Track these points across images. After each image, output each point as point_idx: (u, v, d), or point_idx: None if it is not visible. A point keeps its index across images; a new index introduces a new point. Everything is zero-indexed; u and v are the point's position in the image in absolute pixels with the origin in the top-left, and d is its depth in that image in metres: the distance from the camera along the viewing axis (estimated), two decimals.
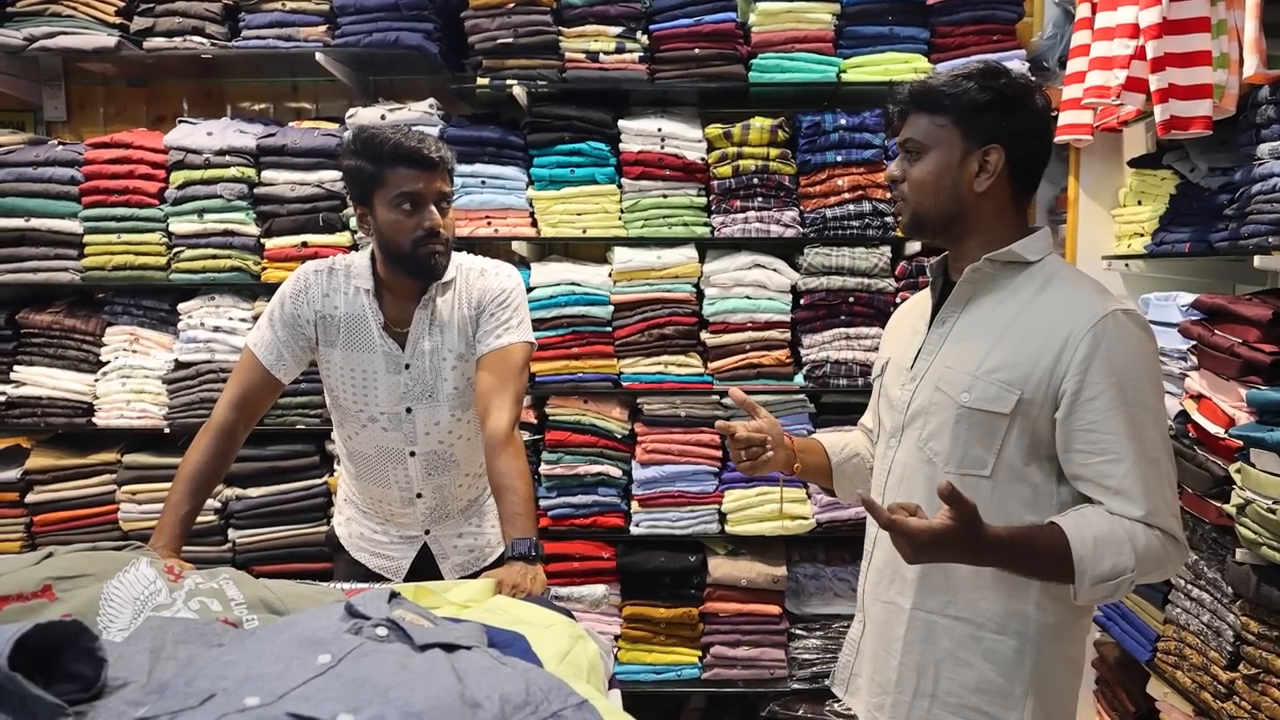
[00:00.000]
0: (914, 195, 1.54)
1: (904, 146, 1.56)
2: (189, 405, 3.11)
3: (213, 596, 1.16)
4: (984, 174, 1.50)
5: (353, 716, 0.78)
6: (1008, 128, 1.49)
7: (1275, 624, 2.05)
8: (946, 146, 1.51)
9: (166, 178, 3.10)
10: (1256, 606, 2.11)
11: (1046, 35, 3.10)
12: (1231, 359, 2.17)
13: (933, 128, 1.51)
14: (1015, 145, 1.50)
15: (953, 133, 1.50)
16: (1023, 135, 1.51)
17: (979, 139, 1.49)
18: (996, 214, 1.53)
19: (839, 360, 2.99)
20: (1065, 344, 1.42)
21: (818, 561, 3.12)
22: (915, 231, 1.60)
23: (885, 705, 1.59)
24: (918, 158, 1.53)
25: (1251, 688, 2.11)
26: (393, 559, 2.14)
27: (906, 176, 1.55)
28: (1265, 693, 2.06)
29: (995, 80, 1.50)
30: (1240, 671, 2.16)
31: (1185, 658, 2.37)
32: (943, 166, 1.51)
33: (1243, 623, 2.15)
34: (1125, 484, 1.39)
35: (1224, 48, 2.20)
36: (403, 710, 0.79)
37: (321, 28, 3.00)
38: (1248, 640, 2.13)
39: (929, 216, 1.54)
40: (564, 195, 3.02)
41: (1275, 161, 2.13)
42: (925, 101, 1.52)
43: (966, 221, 1.53)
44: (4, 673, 0.77)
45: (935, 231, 1.58)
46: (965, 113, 1.49)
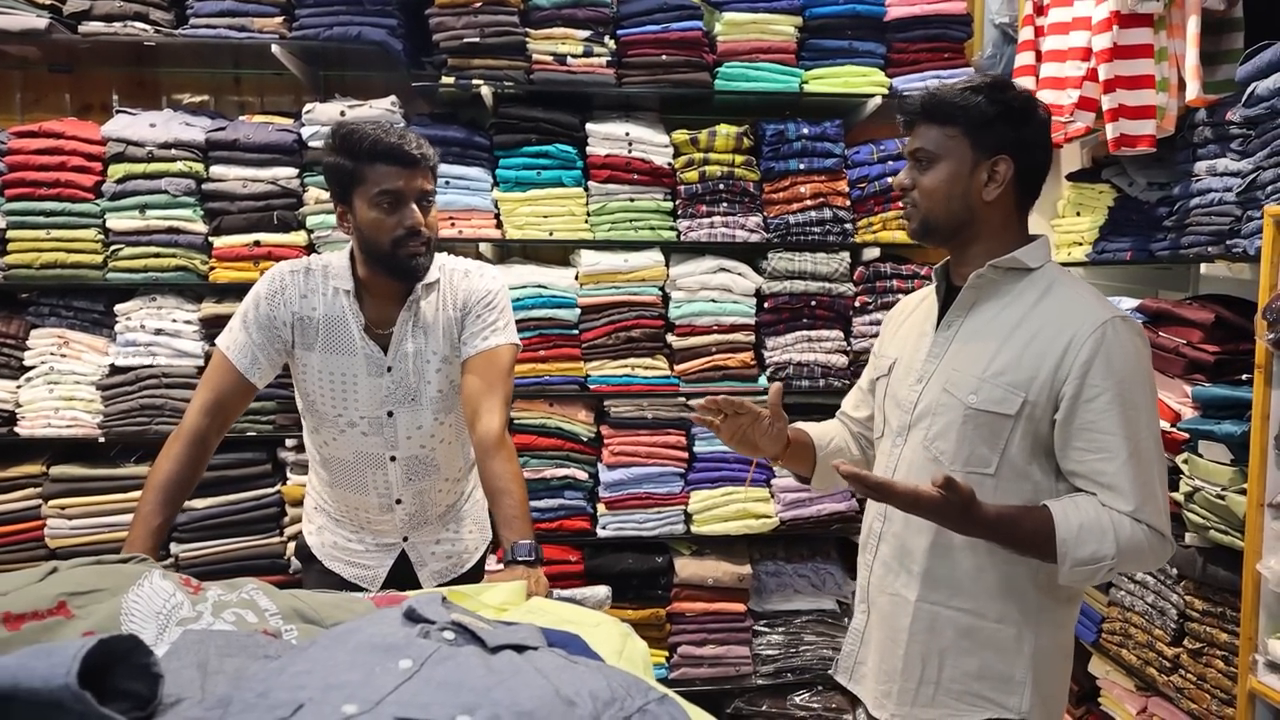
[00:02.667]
0: (925, 202, 1.65)
1: (914, 156, 1.67)
2: (127, 413, 3.06)
3: (246, 608, 1.14)
4: (993, 183, 1.61)
5: (470, 717, 0.78)
6: (1015, 139, 1.61)
7: (1219, 601, 2.33)
8: (957, 156, 1.62)
9: (103, 171, 3.05)
10: (1201, 586, 2.39)
11: (986, 55, 3.40)
12: (1177, 359, 2.47)
13: (944, 138, 1.62)
14: (1022, 156, 1.61)
15: (962, 143, 1.61)
16: (1029, 146, 1.63)
17: (988, 150, 1.60)
18: (1003, 221, 1.66)
19: (801, 362, 3.19)
20: (1068, 348, 1.54)
21: (778, 559, 3.32)
22: (924, 237, 1.70)
23: (892, 692, 1.70)
24: (928, 167, 1.64)
25: (1196, 660, 2.39)
26: (369, 568, 2.15)
27: (917, 184, 1.66)
28: (1209, 664, 2.35)
29: (1003, 94, 1.62)
30: (1185, 646, 2.44)
31: (1130, 636, 2.65)
32: (954, 175, 1.62)
33: (1187, 601, 2.44)
34: (1117, 480, 1.51)
35: (1165, 73, 2.51)
36: (514, 710, 0.80)
37: (277, 19, 3.01)
38: (1192, 617, 2.42)
39: (939, 223, 1.66)
40: (530, 197, 3.12)
41: (1212, 178, 2.43)
42: (936, 113, 1.63)
43: (974, 228, 1.65)
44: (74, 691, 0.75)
45: (944, 237, 1.68)
46: (975, 124, 1.60)
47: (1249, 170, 2.27)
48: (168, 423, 3.05)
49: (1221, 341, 2.39)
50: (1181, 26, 2.45)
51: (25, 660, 0.77)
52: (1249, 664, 2.06)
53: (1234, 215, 2.34)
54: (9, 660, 0.77)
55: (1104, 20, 2.50)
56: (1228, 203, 2.36)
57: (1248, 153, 2.30)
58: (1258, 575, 2.04)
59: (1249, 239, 2.26)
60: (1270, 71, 2.20)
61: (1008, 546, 1.57)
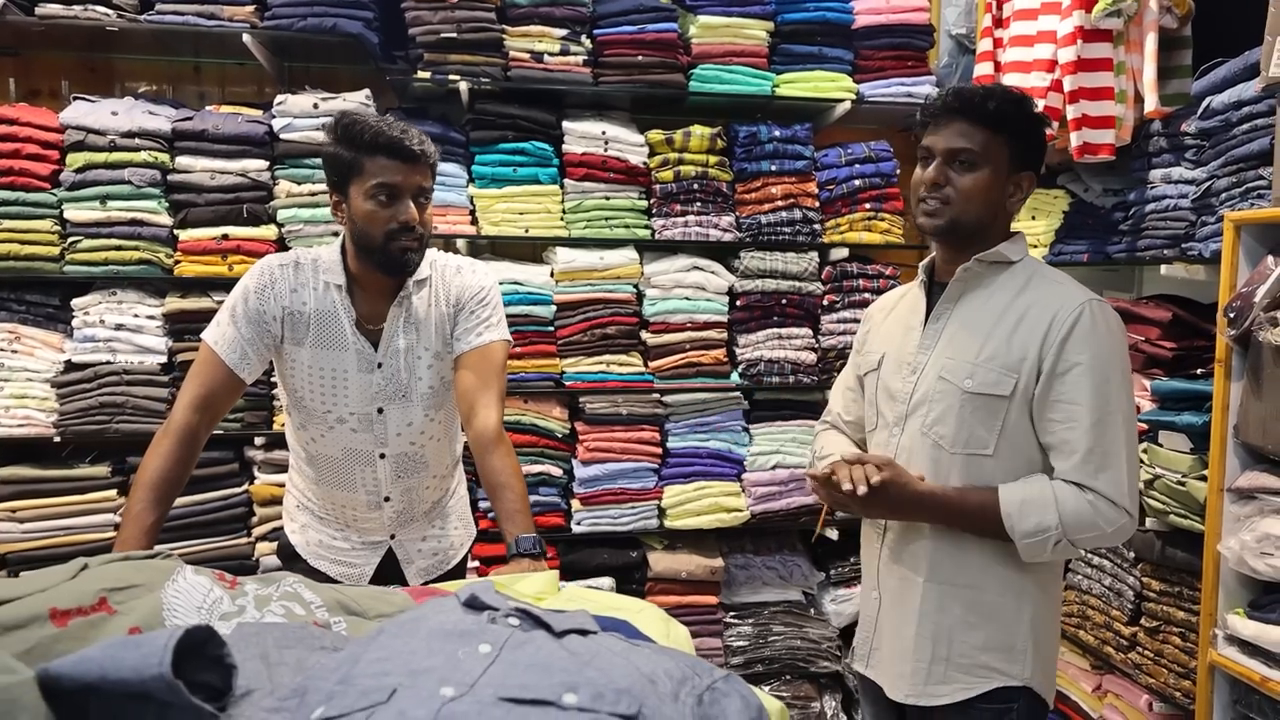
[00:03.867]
0: (961, 203, 1.70)
1: (954, 155, 1.70)
2: (85, 411, 2.98)
3: (291, 600, 1.15)
4: (1017, 196, 1.74)
5: (575, 696, 0.80)
6: (1037, 157, 1.75)
7: (1175, 581, 2.50)
8: (998, 164, 1.69)
9: (60, 160, 2.97)
10: (1159, 567, 2.56)
11: (943, 64, 3.57)
12: (1136, 354, 2.64)
13: (991, 142, 1.68)
14: (1038, 173, 1.76)
15: (1004, 152, 1.69)
16: (1040, 164, 1.77)
17: (1021, 162, 1.72)
18: (1005, 227, 1.79)
19: (772, 359, 3.30)
20: (1050, 328, 1.66)
21: (746, 552, 3.42)
22: (945, 234, 1.75)
23: (905, 673, 1.80)
24: (968, 169, 1.69)
25: (1153, 638, 2.56)
26: (355, 566, 2.15)
27: (953, 183, 1.70)
28: (1166, 641, 2.52)
29: (1032, 109, 1.73)
30: (1142, 625, 2.61)
31: (1088, 618, 2.81)
32: (992, 182, 1.70)
33: (1144, 583, 2.60)
34: (1077, 447, 1.63)
35: (1123, 85, 2.68)
36: (612, 688, 0.82)
37: (249, 8, 2.98)
38: (1149, 598, 2.59)
39: (968, 225, 1.73)
40: (506, 194, 3.16)
41: (1167, 185, 2.62)
42: (987, 117, 1.68)
43: (989, 232, 1.75)
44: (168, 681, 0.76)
45: (964, 237, 1.75)
46: (1018, 136, 1.70)
47: (1204, 178, 2.44)
48: (129, 421, 3.00)
49: (1177, 338, 2.56)
50: (1139, 43, 2.62)
51: (112, 652, 0.79)
52: (1209, 638, 2.20)
53: (1189, 220, 2.52)
54: (94, 652, 0.79)
55: (1069, 35, 2.66)
56: (1183, 208, 2.53)
57: (1202, 162, 2.48)
58: (1218, 555, 2.18)
59: (1204, 242, 2.44)
60: (1224, 87, 2.38)
61: (960, 526, 1.71)
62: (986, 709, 1.74)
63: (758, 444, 3.34)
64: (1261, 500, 2.10)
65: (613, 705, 0.80)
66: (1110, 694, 2.75)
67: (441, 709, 0.77)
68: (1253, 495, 2.12)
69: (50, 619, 0.96)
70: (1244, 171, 2.31)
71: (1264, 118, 2.23)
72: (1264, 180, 2.23)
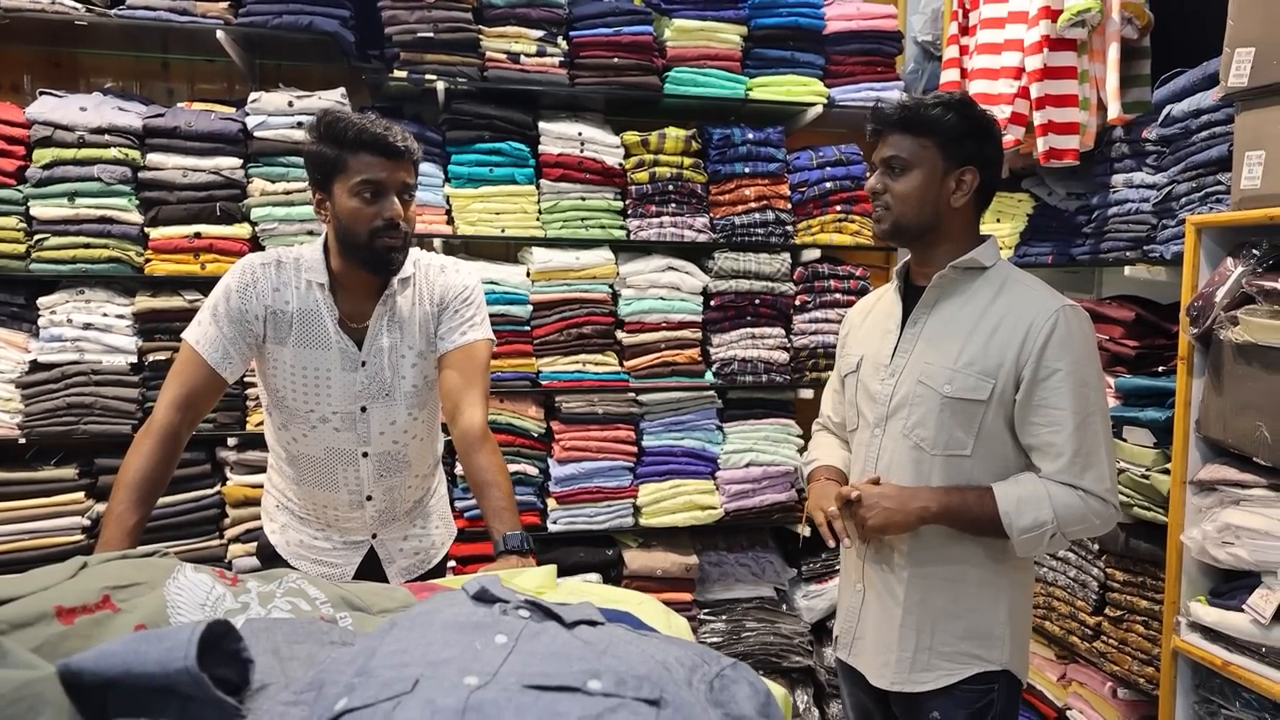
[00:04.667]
0: (898, 206, 1.83)
1: (887, 163, 1.84)
2: (51, 412, 2.93)
3: (296, 596, 1.16)
4: (960, 191, 1.82)
5: (599, 682, 0.81)
6: (980, 153, 1.82)
7: (1139, 572, 2.60)
8: (929, 165, 1.80)
9: (27, 155, 2.92)
10: (1122, 559, 2.65)
11: (909, 70, 3.66)
12: (1100, 353, 2.71)
13: (917, 148, 1.80)
14: (984, 168, 1.83)
15: (935, 154, 1.80)
16: (990, 160, 1.85)
17: (957, 161, 1.81)
18: (963, 226, 1.87)
19: (745, 358, 3.36)
20: (1027, 335, 1.75)
21: (720, 549, 3.47)
22: (893, 237, 1.89)
23: (891, 662, 1.89)
24: (901, 174, 1.82)
25: (1117, 627, 2.65)
26: (337, 565, 2.15)
27: (889, 189, 1.83)
28: (1130, 629, 2.61)
29: (971, 111, 1.83)
30: (1106, 615, 2.70)
31: (1054, 609, 2.90)
32: (926, 183, 1.81)
33: (1108, 574, 2.69)
34: (1063, 449, 1.73)
35: (1087, 93, 2.78)
36: (632, 674, 0.83)
37: (223, 4, 2.96)
38: (1113, 588, 2.68)
39: (909, 226, 1.84)
40: (483, 194, 3.18)
41: (1129, 189, 2.72)
42: (912, 124, 1.81)
43: (939, 231, 1.85)
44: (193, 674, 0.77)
45: (911, 238, 1.87)
46: (948, 137, 1.80)
47: (1164, 183, 2.53)
48: (97, 422, 2.96)
49: (1140, 337, 2.64)
50: (1101, 52, 2.72)
51: (134, 647, 0.80)
52: (1173, 625, 2.28)
53: (1150, 223, 2.62)
54: (116, 647, 0.80)
55: (1035, 43, 2.75)
56: (1144, 212, 2.63)
57: (1163, 167, 2.58)
58: (1181, 545, 2.26)
59: (1164, 245, 2.53)
60: (1184, 95, 2.48)
61: (961, 528, 1.80)
62: (969, 690, 1.84)
63: (731, 442, 3.39)
64: (1222, 492, 2.17)
65: (635, 690, 0.81)
66: (1075, 682, 2.84)
67: (470, 697, 0.78)
68: (1214, 487, 2.20)
69: (56, 617, 0.97)
70: (1203, 177, 2.40)
71: (1222, 125, 2.33)
72: (1223, 185, 2.32)
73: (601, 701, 0.79)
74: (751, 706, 0.88)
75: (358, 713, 0.77)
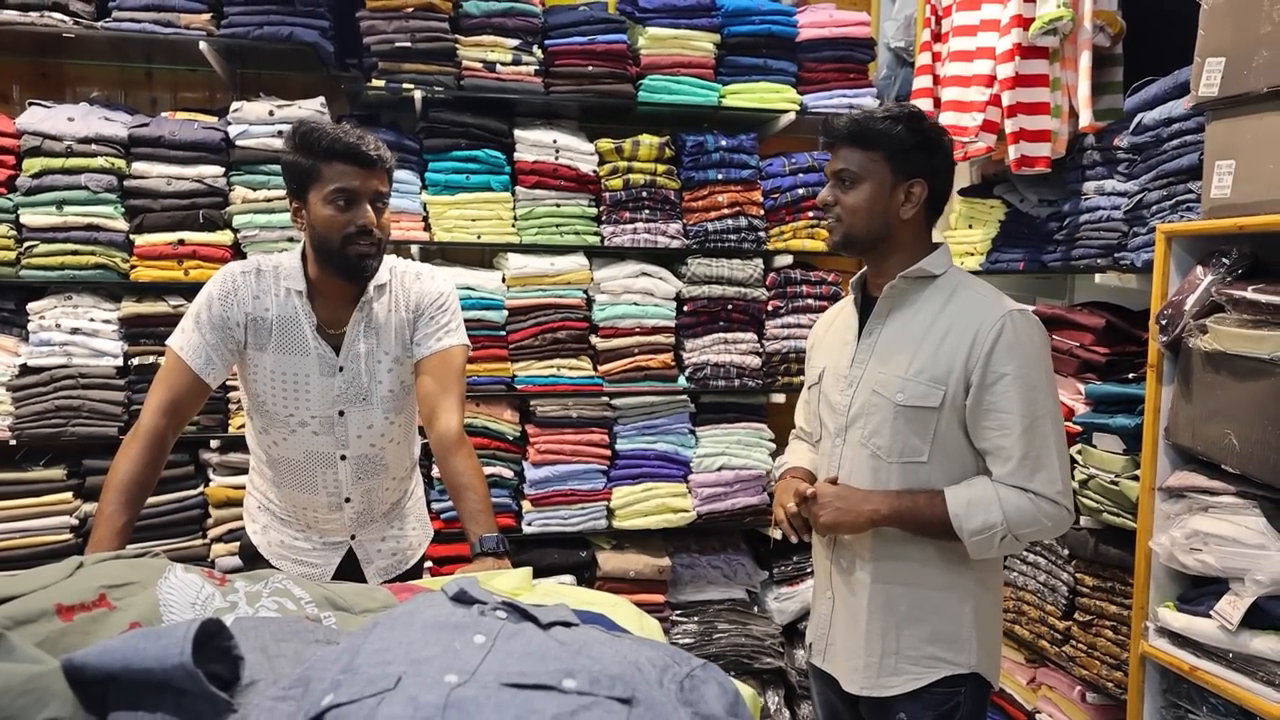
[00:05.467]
0: (848, 219, 1.72)
1: (837, 176, 1.73)
2: (41, 414, 2.79)
3: (282, 596, 1.14)
4: (909, 203, 1.71)
5: (574, 681, 0.80)
6: (929, 165, 1.71)
7: (1108, 577, 2.41)
8: (878, 179, 1.70)
9: (16, 165, 2.78)
10: (1092, 564, 2.47)
11: (882, 76, 3.44)
12: (1070, 359, 2.53)
13: (866, 161, 1.70)
14: (933, 179, 1.72)
15: (883, 167, 1.69)
16: (939, 172, 1.75)
17: (905, 174, 1.70)
18: (914, 236, 1.75)
19: (718, 363, 3.16)
20: (974, 341, 1.65)
21: (692, 551, 3.28)
22: (845, 249, 1.77)
23: (859, 667, 1.78)
24: (851, 186, 1.71)
25: (1086, 631, 2.47)
26: (316, 566, 2.07)
27: (840, 202, 1.73)
28: (1099, 634, 2.43)
29: (920, 124, 1.72)
30: (1075, 619, 2.51)
31: (1024, 613, 2.71)
32: (875, 195, 1.70)
33: (1078, 579, 2.51)
34: (1012, 453, 1.63)
35: (1058, 101, 2.56)
36: (605, 674, 0.82)
37: (205, 16, 2.80)
38: (1082, 593, 2.50)
39: (860, 237, 1.73)
40: (459, 201, 3.00)
41: (1101, 197, 2.50)
42: (861, 138, 1.70)
43: (890, 242, 1.74)
44: (188, 670, 0.77)
45: (863, 250, 1.76)
46: (896, 151, 1.69)
47: (1135, 191, 2.35)
48: (85, 424, 2.81)
49: (1110, 344, 2.46)
50: (1074, 60, 2.51)
51: (132, 643, 0.81)
52: (1141, 630, 2.14)
53: (1121, 231, 2.42)
54: (116, 643, 0.81)
55: (1007, 51, 2.55)
56: (1115, 219, 2.44)
57: (1134, 175, 2.38)
58: (1149, 551, 2.11)
59: (1135, 252, 2.35)
60: (1155, 104, 2.29)
61: (914, 530, 1.70)
62: (936, 693, 1.74)
63: (704, 446, 3.20)
64: (1191, 498, 2.03)
65: (609, 689, 0.80)
66: (1045, 686, 2.67)
67: (450, 694, 0.77)
68: (1182, 494, 2.05)
69: (57, 614, 0.97)
70: (1174, 185, 2.22)
71: (1193, 134, 2.15)
72: (1193, 194, 2.15)
73: (576, 699, 0.78)
74: (720, 706, 0.87)
75: (344, 708, 0.77)
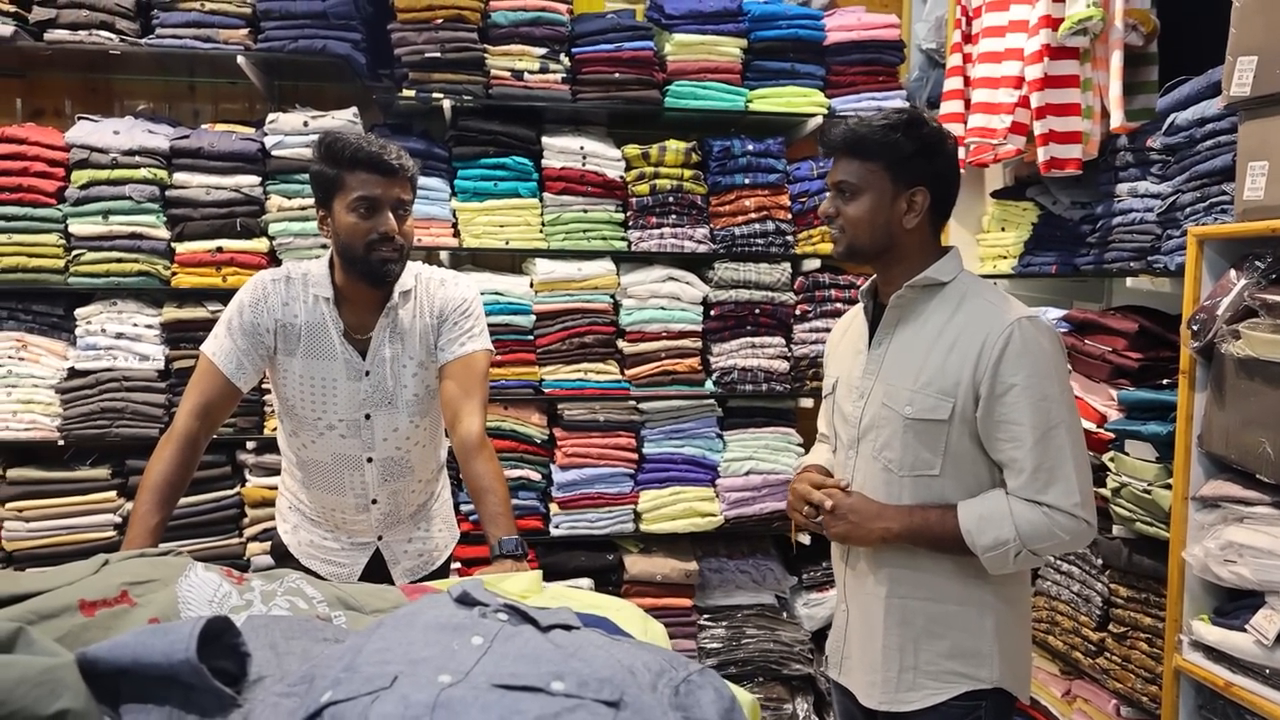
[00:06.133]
0: (851, 230, 1.67)
1: (837, 187, 1.68)
2: (87, 415, 2.85)
3: (295, 595, 1.16)
4: (912, 212, 1.65)
5: (562, 683, 0.80)
6: (930, 171, 1.64)
7: (1142, 588, 2.32)
8: (878, 189, 1.64)
9: (66, 176, 2.84)
10: (1126, 574, 2.37)
11: (914, 78, 3.36)
12: (1103, 364, 2.43)
13: (865, 172, 1.64)
14: (936, 185, 1.65)
15: (883, 177, 1.63)
16: (941, 176, 1.67)
17: (906, 182, 1.63)
18: (920, 244, 1.68)
19: (745, 367, 3.11)
20: (982, 351, 1.58)
21: (720, 556, 3.23)
22: (850, 260, 1.73)
23: (877, 681, 1.72)
24: (852, 198, 1.66)
25: (1120, 643, 2.37)
26: (344, 565, 2.09)
27: (841, 213, 1.67)
28: (1134, 646, 2.33)
29: (919, 130, 1.64)
30: (1110, 631, 2.42)
31: (1057, 624, 2.61)
32: (876, 206, 1.64)
33: (1111, 589, 2.41)
34: (1025, 465, 1.56)
35: (1090, 101, 2.47)
36: (595, 677, 0.82)
37: (243, 31, 2.84)
38: (1116, 604, 2.40)
39: (864, 248, 1.68)
40: (488, 207, 3.00)
41: (1134, 199, 2.41)
42: (858, 148, 1.64)
43: (896, 252, 1.68)
44: (193, 665, 0.79)
45: (868, 260, 1.71)
46: (895, 159, 1.62)
47: (1169, 193, 2.25)
48: (128, 425, 2.87)
49: (1143, 349, 2.35)
50: (1105, 60, 2.42)
51: (142, 639, 0.83)
52: (1174, 643, 2.05)
53: (1154, 234, 2.32)
54: (127, 639, 0.83)
55: (1036, 52, 2.46)
56: (1148, 222, 2.34)
57: (1167, 177, 2.29)
58: (1183, 562, 2.03)
59: (1169, 255, 2.25)
60: (1189, 104, 2.19)
61: (928, 547, 1.64)
62: (956, 707, 1.68)
63: (731, 450, 3.15)
64: (1225, 508, 1.95)
65: (596, 692, 0.81)
66: (1079, 699, 2.56)
67: (441, 694, 0.78)
68: (1217, 503, 1.97)
69: (79, 609, 1.00)
70: (1207, 187, 2.12)
71: (1226, 134, 2.05)
72: (1227, 195, 2.05)
73: (561, 701, 0.79)
74: (715, 711, 0.86)
75: (340, 705, 0.79)
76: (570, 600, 1.32)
